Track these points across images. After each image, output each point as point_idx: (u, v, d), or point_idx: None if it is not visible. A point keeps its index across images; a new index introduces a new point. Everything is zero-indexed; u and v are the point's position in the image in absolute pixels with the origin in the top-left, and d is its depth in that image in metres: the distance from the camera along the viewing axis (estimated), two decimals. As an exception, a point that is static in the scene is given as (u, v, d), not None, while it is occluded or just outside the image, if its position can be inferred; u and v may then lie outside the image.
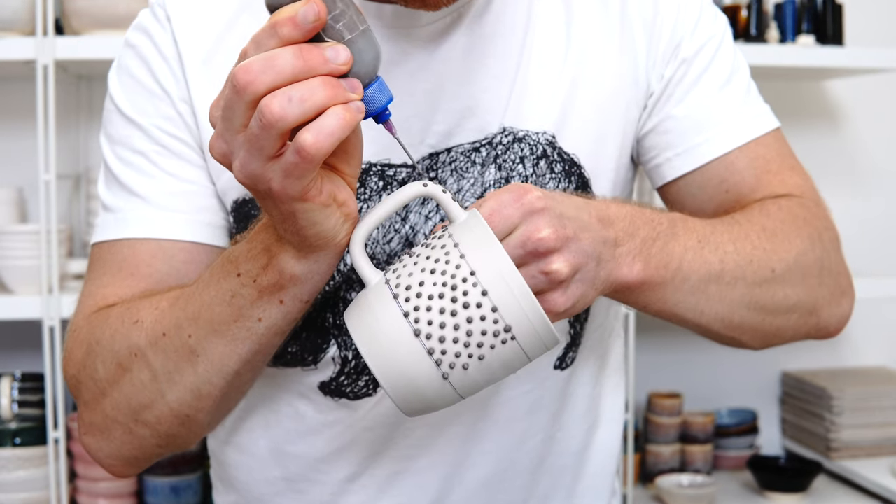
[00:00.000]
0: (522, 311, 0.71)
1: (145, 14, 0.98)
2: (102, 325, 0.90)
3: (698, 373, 2.53)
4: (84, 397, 0.92)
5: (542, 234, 0.75)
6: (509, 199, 0.76)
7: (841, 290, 0.98)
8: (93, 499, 2.05)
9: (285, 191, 0.70)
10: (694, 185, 1.00)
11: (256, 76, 0.67)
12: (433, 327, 0.71)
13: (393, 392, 0.73)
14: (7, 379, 2.05)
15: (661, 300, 0.87)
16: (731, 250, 0.90)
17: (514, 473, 1.01)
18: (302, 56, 0.67)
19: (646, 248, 0.84)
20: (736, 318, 0.91)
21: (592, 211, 0.81)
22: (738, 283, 0.90)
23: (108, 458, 0.93)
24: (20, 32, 1.95)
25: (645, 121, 1.00)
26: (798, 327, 0.96)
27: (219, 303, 0.82)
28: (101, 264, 0.96)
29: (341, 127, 0.67)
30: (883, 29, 2.55)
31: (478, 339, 0.72)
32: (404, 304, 0.72)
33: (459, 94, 0.94)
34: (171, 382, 0.86)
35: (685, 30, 0.99)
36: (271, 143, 0.68)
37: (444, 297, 0.71)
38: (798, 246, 0.94)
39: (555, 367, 0.99)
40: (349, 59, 0.69)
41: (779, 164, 1.00)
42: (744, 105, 1.01)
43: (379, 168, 0.94)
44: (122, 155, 0.96)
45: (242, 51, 0.70)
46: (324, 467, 0.99)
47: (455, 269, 0.72)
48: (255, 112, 0.67)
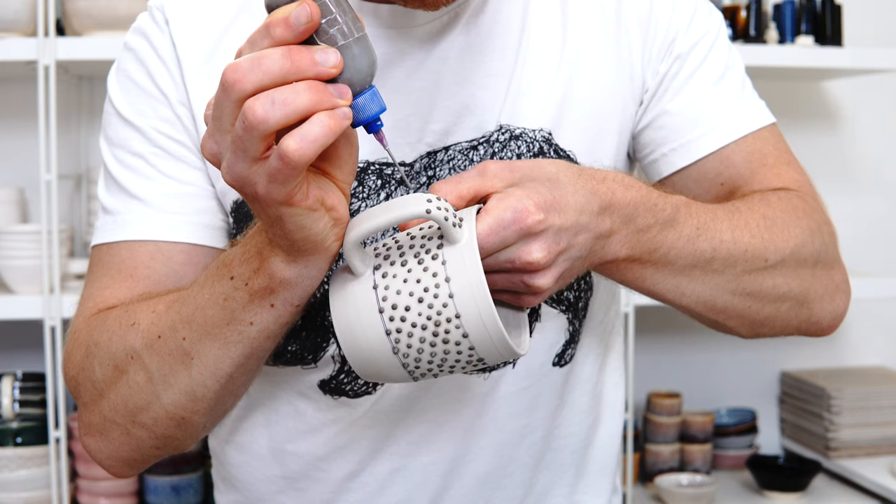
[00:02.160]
0: (496, 349, 0.75)
1: (144, 17, 0.99)
2: (101, 328, 0.91)
3: (697, 372, 2.54)
4: (83, 399, 0.93)
5: (532, 257, 0.76)
6: (510, 220, 0.75)
7: (835, 286, 0.99)
8: (94, 498, 2.05)
9: (270, 195, 0.70)
10: (690, 180, 1.00)
11: (244, 75, 0.67)
12: (412, 350, 0.75)
13: (362, 374, 0.79)
14: (8, 378, 2.06)
15: (640, 278, 0.88)
16: (728, 239, 0.90)
17: (513, 470, 1.01)
18: (290, 57, 0.67)
19: (637, 236, 0.84)
20: (719, 302, 0.91)
21: (597, 202, 0.81)
22: (727, 270, 0.90)
23: (108, 458, 0.94)
24: (21, 33, 1.96)
25: (640, 117, 1.00)
26: (789, 318, 0.96)
27: (212, 306, 0.82)
28: (101, 266, 0.96)
29: (325, 134, 0.67)
30: (881, 29, 2.55)
31: (451, 363, 0.77)
32: (388, 322, 0.75)
33: (456, 93, 0.95)
34: (167, 385, 0.86)
35: (680, 26, 1.00)
36: (255, 145, 0.68)
37: (427, 329, 0.74)
38: (797, 236, 0.94)
39: (553, 363, 1.00)
40: (339, 63, 0.68)
41: (775, 158, 1.01)
42: (739, 100, 1.01)
43: (377, 167, 0.94)
44: (121, 157, 0.96)
45: (238, 50, 0.70)
46: (324, 465, 1.00)
47: (442, 307, 0.74)
48: (240, 113, 0.67)
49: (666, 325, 2.47)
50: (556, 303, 0.98)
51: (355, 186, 0.93)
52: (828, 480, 2.41)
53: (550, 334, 0.99)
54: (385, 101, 0.73)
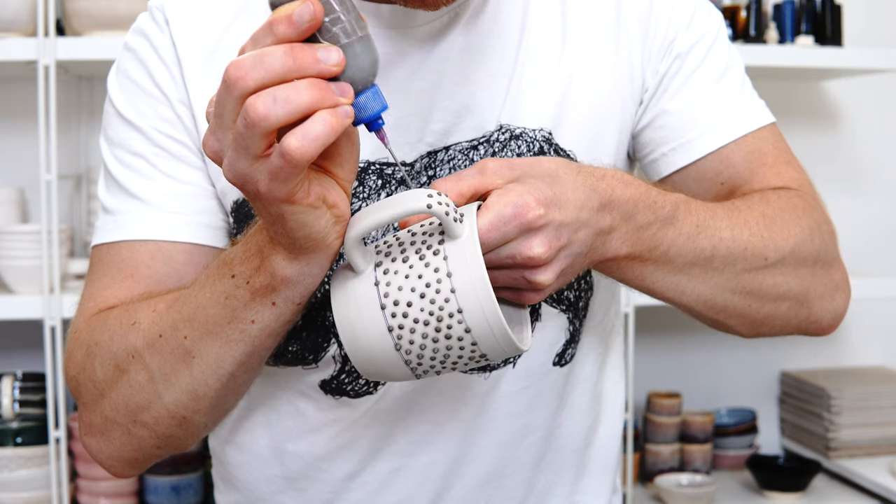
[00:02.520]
0: (499, 345, 0.75)
1: (144, 17, 0.99)
2: (101, 328, 0.91)
3: (698, 372, 2.54)
4: (84, 399, 0.93)
5: (533, 252, 0.76)
6: (510, 215, 0.75)
7: (835, 285, 0.99)
8: (94, 498, 2.05)
9: (271, 192, 0.70)
10: (690, 180, 1.00)
11: (246, 72, 0.67)
12: (414, 346, 0.75)
13: (364, 373, 0.78)
14: (8, 378, 2.06)
15: (640, 276, 0.88)
16: (728, 237, 0.90)
17: (513, 469, 1.01)
18: (293, 55, 0.67)
19: (637, 233, 0.84)
20: (719, 301, 0.92)
21: (596, 198, 0.81)
22: (727, 269, 0.90)
23: (109, 458, 0.94)
24: (21, 33, 1.96)
25: (640, 116, 1.00)
26: (789, 317, 0.96)
27: (213, 304, 0.82)
28: (101, 266, 0.96)
29: (327, 133, 0.67)
30: (881, 29, 2.55)
31: (454, 359, 0.76)
32: (391, 319, 0.74)
33: (457, 93, 0.95)
34: (168, 384, 0.86)
35: (680, 25, 1.00)
36: (256, 142, 0.68)
37: (429, 324, 0.74)
38: (797, 235, 0.94)
39: (553, 363, 1.00)
40: (341, 61, 0.68)
41: (775, 157, 1.01)
42: (738, 99, 1.02)
43: (378, 167, 0.94)
44: (122, 157, 0.96)
45: (241, 47, 0.70)
46: (324, 465, 1.00)
47: (444, 303, 0.74)
48: (242, 110, 0.67)
49: (666, 325, 2.47)
50: (557, 302, 0.98)
51: (356, 186, 0.93)
52: (828, 480, 2.41)
53: (551, 334, 0.99)
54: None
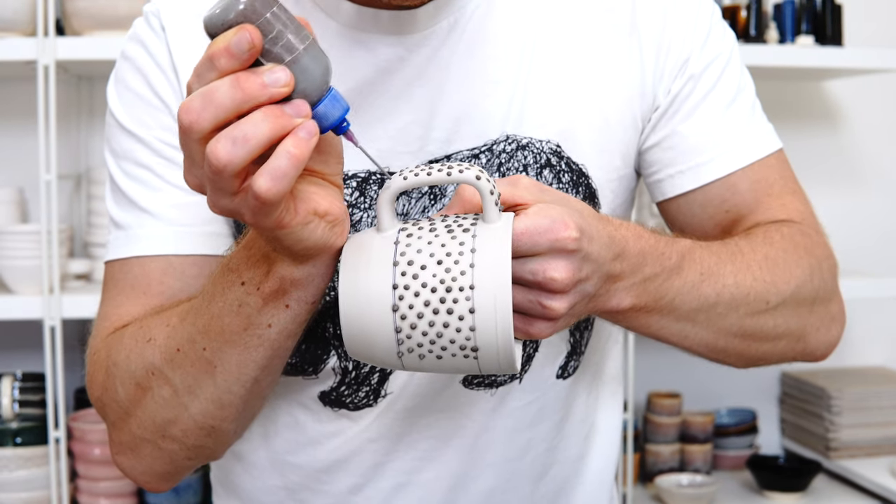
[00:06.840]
0: (497, 345, 0.72)
1: (140, 24, 0.98)
2: (118, 347, 0.91)
3: (698, 373, 2.53)
4: (111, 418, 0.93)
5: (556, 274, 0.74)
6: (546, 227, 0.74)
7: (831, 317, 0.99)
8: (93, 498, 2.05)
9: (259, 224, 0.70)
10: (695, 204, 0.99)
11: (198, 114, 0.66)
12: (412, 311, 0.72)
13: (346, 335, 0.74)
14: (8, 379, 2.06)
15: (645, 325, 0.87)
16: (731, 283, 0.89)
17: (517, 484, 1.01)
18: (239, 86, 0.65)
19: (644, 285, 0.83)
20: (721, 344, 0.92)
21: (614, 246, 0.80)
22: (730, 314, 0.90)
23: (142, 475, 0.94)
24: (21, 33, 1.95)
25: (649, 134, 0.99)
26: (784, 353, 0.96)
27: (227, 313, 0.82)
28: (114, 284, 0.96)
29: (294, 166, 0.66)
30: (882, 29, 2.55)
31: (444, 344, 0.73)
32: (399, 276, 0.72)
33: (458, 100, 0.94)
34: (193, 395, 0.86)
35: (694, 45, 0.98)
36: (229, 184, 0.67)
37: (437, 291, 0.72)
38: (798, 277, 0.94)
39: (557, 376, 0.99)
40: (289, 81, 0.67)
41: (780, 187, 1.00)
42: (748, 125, 1.00)
43: (378, 176, 0.93)
44: (128, 169, 0.96)
45: (187, 84, 0.69)
46: (326, 478, 0.99)
47: (459, 275, 0.71)
48: (205, 155, 0.66)
49: (666, 325, 2.46)
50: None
51: (357, 196, 0.93)
52: (828, 481, 2.41)
53: (554, 347, 0.98)
54: (386, 108, 0.72)
